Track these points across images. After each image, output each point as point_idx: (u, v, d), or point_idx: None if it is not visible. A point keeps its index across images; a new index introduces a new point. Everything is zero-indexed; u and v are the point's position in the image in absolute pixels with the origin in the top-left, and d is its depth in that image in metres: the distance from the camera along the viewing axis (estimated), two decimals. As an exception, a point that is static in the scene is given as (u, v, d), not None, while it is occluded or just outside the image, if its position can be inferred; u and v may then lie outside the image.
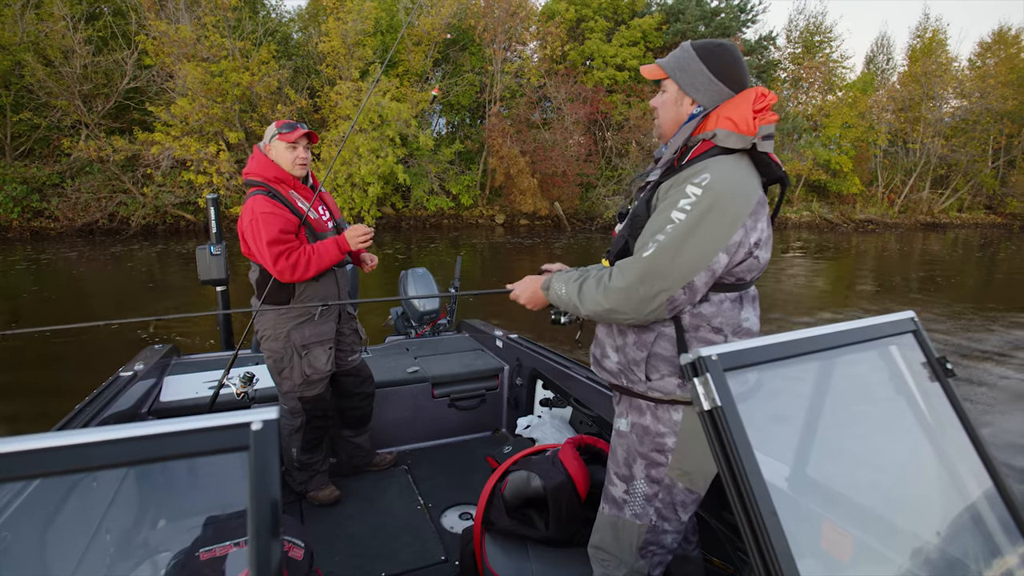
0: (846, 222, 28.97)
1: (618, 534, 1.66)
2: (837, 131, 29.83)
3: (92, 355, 7.09)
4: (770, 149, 1.47)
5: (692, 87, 1.54)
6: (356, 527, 2.74)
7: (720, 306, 1.51)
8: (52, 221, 17.22)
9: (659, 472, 1.59)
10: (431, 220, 22.10)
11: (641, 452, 1.62)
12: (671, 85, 1.58)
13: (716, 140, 1.45)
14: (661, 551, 1.65)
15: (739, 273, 1.49)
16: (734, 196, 1.41)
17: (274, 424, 0.82)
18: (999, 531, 1.21)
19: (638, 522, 1.63)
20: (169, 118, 17.15)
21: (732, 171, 1.43)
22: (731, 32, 27.38)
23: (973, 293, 12.81)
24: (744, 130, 1.43)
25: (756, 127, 1.43)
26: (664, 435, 1.57)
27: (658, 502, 1.61)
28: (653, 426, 1.59)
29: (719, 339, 1.51)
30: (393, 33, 22.31)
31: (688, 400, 1.53)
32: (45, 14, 17.57)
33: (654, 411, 1.59)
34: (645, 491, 1.62)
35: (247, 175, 2.65)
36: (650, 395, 1.58)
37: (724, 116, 1.46)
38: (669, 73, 1.57)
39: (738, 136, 1.43)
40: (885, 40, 49.42)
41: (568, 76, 23.74)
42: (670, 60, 1.58)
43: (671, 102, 1.59)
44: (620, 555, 1.65)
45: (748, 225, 1.43)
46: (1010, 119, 31.64)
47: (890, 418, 1.36)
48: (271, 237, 2.50)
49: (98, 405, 2.45)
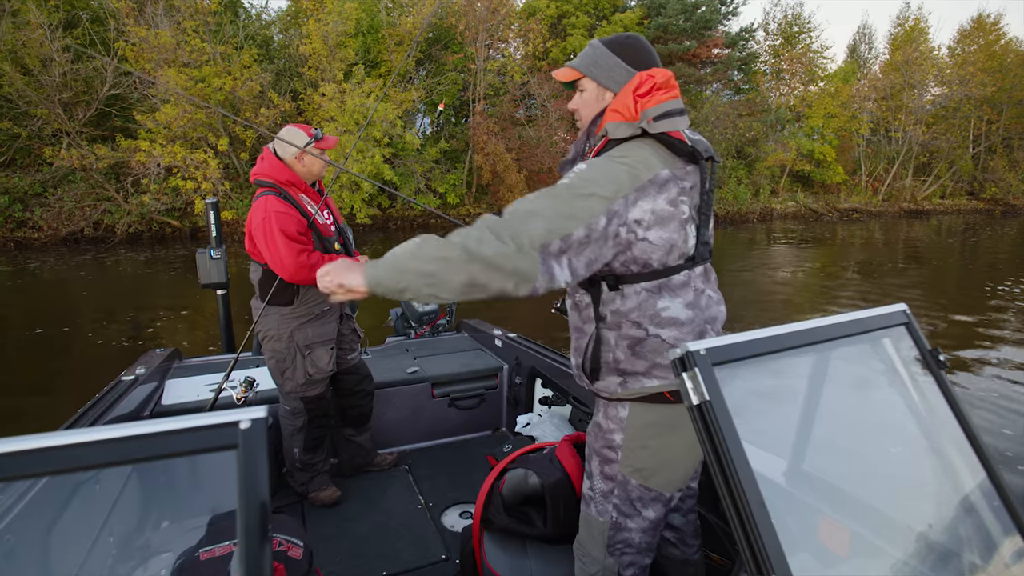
0: (831, 211, 29.16)
1: (589, 531, 1.67)
2: (820, 121, 30.06)
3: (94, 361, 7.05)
4: (671, 127, 1.44)
5: (611, 80, 1.54)
6: (357, 527, 2.75)
7: (637, 298, 1.47)
8: (36, 231, 16.97)
9: (611, 469, 1.60)
10: (418, 220, 22.03)
11: (595, 448, 1.64)
12: (588, 83, 1.58)
13: (608, 133, 1.46)
14: (630, 550, 1.63)
15: (640, 258, 1.43)
16: (616, 166, 1.39)
17: (262, 423, 0.83)
18: (993, 522, 1.22)
19: (600, 519, 1.63)
20: (153, 125, 16.97)
21: (620, 150, 1.43)
22: (712, 25, 27.48)
23: (958, 276, 12.96)
24: (628, 117, 1.44)
25: (639, 111, 1.43)
26: (612, 431, 1.58)
27: (615, 498, 1.60)
28: (603, 423, 1.61)
29: (640, 333, 1.47)
30: (374, 34, 22.19)
31: (630, 396, 1.53)
32: (22, 22, 17.31)
33: (605, 408, 1.61)
34: (602, 488, 1.63)
35: (257, 175, 2.67)
36: (600, 394, 1.60)
37: (611, 109, 1.47)
38: (584, 72, 1.57)
39: (627, 125, 1.44)
40: (867, 29, 49.87)
41: (551, 73, 23.70)
42: (582, 59, 1.58)
43: (592, 100, 1.58)
44: (593, 552, 1.66)
45: (630, 199, 1.36)
46: (989, 105, 32.00)
47: (883, 411, 1.37)
48: (291, 234, 2.53)
49: (100, 408, 2.46)
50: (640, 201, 1.38)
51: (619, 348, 1.50)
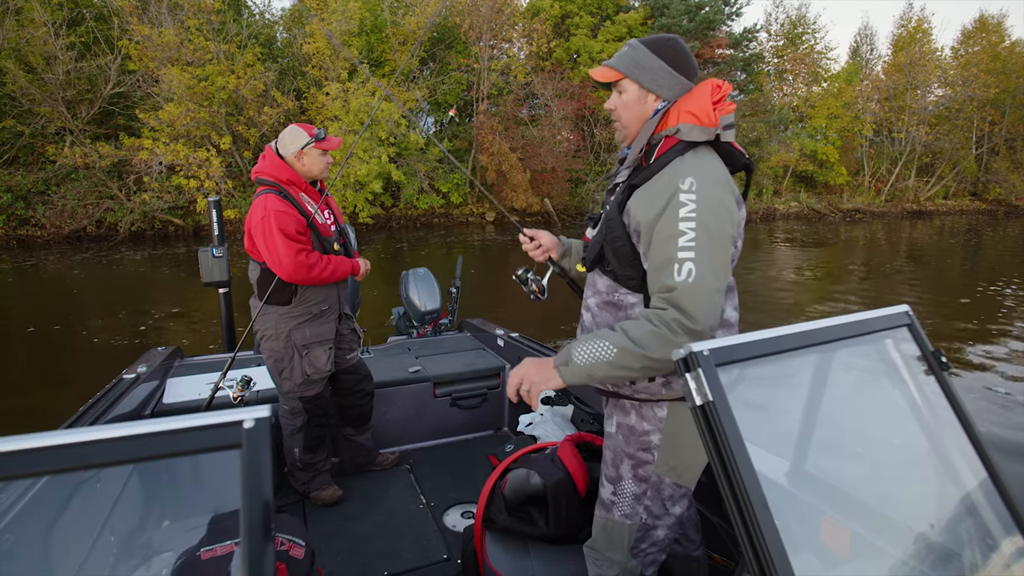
0: (834, 212, 29.13)
1: (609, 535, 1.66)
2: (823, 122, 30.00)
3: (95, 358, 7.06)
4: (732, 138, 1.48)
5: (655, 83, 1.52)
6: (359, 526, 2.75)
7: None
8: (39, 229, 17.03)
9: (646, 470, 1.59)
10: (421, 219, 22.03)
11: (628, 452, 1.61)
12: (630, 85, 1.55)
13: (680, 135, 1.44)
14: (654, 549, 1.64)
15: None
16: (723, 187, 1.41)
17: (266, 422, 0.83)
18: (995, 523, 1.22)
19: (628, 522, 1.62)
20: (157, 123, 17.00)
21: (710, 167, 1.42)
22: (716, 26, 27.45)
23: (960, 277, 12.93)
24: (707, 122, 1.42)
25: (718, 118, 1.43)
26: (649, 432, 1.57)
27: (647, 500, 1.60)
28: (638, 425, 1.59)
29: None
30: (378, 33, 22.19)
31: (672, 397, 1.52)
32: (26, 20, 17.35)
33: (639, 410, 1.58)
34: (633, 490, 1.61)
35: (258, 174, 2.67)
36: (636, 396, 1.57)
37: (685, 110, 1.45)
38: (626, 73, 1.54)
39: (701, 129, 1.42)
40: (868, 30, 49.74)
41: (555, 73, 23.73)
42: (623, 60, 1.55)
43: (634, 102, 1.56)
44: (612, 556, 1.65)
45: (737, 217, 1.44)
46: (992, 106, 31.94)
47: (886, 412, 1.36)
48: (290, 233, 2.53)
49: (101, 407, 2.46)
50: (739, 211, 1.46)
51: None
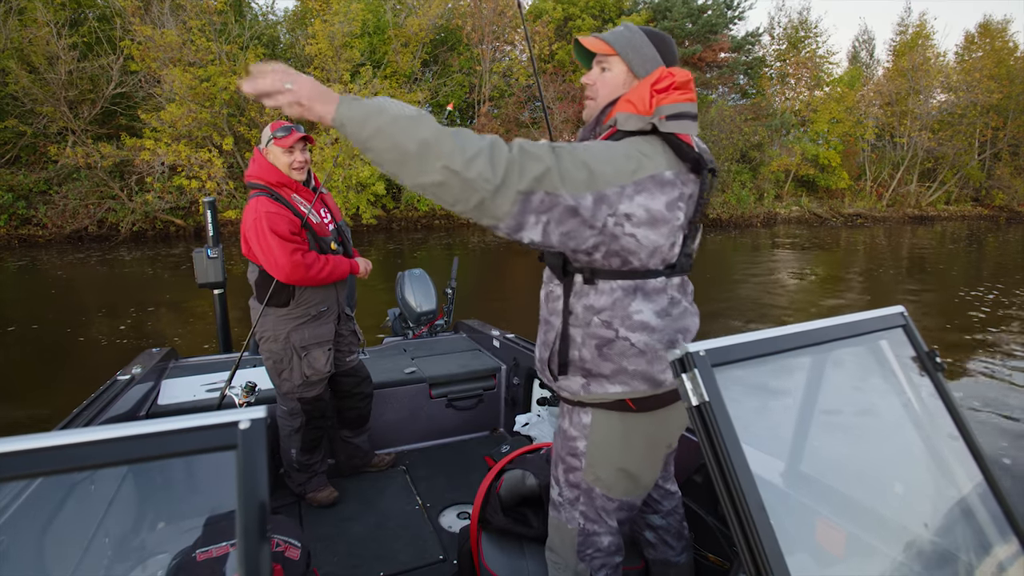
0: (835, 216, 29.12)
1: (561, 536, 1.63)
2: (825, 126, 30.02)
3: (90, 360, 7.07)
4: (681, 130, 1.37)
5: (642, 68, 1.47)
6: (355, 527, 2.74)
7: (611, 296, 1.41)
8: (40, 228, 17.09)
9: (576, 476, 1.55)
10: (422, 221, 22.06)
11: (560, 456, 1.59)
12: (618, 64, 1.48)
13: (618, 124, 1.40)
14: (600, 555, 1.59)
15: (621, 253, 1.36)
16: (622, 152, 1.33)
17: (262, 423, 0.82)
18: (989, 523, 1.22)
19: (569, 525, 1.59)
20: (158, 124, 17.04)
21: (627, 143, 1.37)
22: (718, 29, 27.50)
23: (960, 282, 12.92)
24: (641, 110, 1.38)
25: (652, 106, 1.37)
26: (576, 439, 1.53)
27: (581, 506, 1.56)
28: (569, 430, 1.56)
29: (609, 333, 1.42)
30: (380, 34, 22.22)
31: (592, 401, 1.49)
32: (28, 20, 17.42)
33: (569, 415, 1.56)
34: (568, 495, 1.58)
35: (249, 178, 2.65)
36: (561, 394, 1.55)
37: (624, 100, 1.41)
38: (619, 50, 1.47)
39: (638, 117, 1.37)
40: (866, 35, 49.73)
41: (557, 75, 23.78)
42: (618, 37, 1.49)
43: (619, 82, 1.49)
44: (565, 557, 1.62)
45: (626, 190, 1.30)
46: (996, 112, 31.94)
47: (881, 412, 1.36)
48: (283, 234, 2.52)
49: (96, 408, 2.45)
50: (637, 196, 1.31)
51: (586, 347, 1.46)
